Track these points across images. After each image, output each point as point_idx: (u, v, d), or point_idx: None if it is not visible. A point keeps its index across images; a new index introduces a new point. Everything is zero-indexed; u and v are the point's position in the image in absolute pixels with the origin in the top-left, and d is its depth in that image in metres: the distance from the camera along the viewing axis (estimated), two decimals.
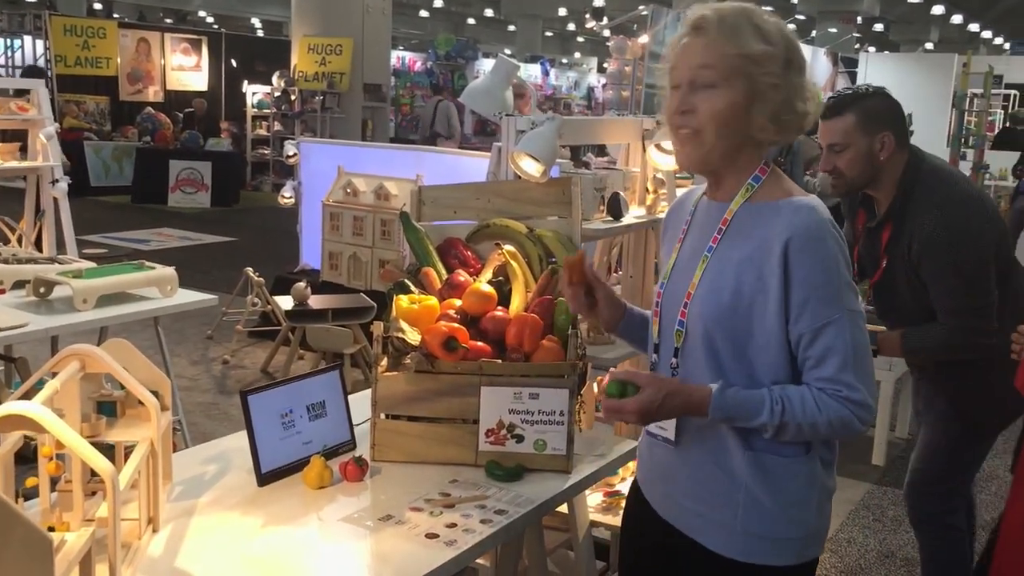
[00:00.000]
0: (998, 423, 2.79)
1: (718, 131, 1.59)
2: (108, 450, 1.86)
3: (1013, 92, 13.81)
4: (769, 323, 1.57)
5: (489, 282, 2.28)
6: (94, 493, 1.76)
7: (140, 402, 1.78)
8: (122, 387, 1.82)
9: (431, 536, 1.78)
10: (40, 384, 1.66)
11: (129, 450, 1.77)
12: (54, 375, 1.67)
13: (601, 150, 7.92)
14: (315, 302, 5.51)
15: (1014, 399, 2.47)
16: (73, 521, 1.66)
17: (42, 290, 3.58)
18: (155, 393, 1.85)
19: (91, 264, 3.87)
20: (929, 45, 27.06)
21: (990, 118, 11.85)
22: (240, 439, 2.06)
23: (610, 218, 3.02)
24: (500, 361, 2.10)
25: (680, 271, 1.71)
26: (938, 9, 20.30)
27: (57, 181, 5.31)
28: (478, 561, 2.60)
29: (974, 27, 26.32)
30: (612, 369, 1.81)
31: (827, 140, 2.59)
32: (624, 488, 2.91)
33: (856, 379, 1.55)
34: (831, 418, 1.55)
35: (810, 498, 1.65)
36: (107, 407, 1.85)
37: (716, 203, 1.69)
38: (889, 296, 2.71)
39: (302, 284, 5.58)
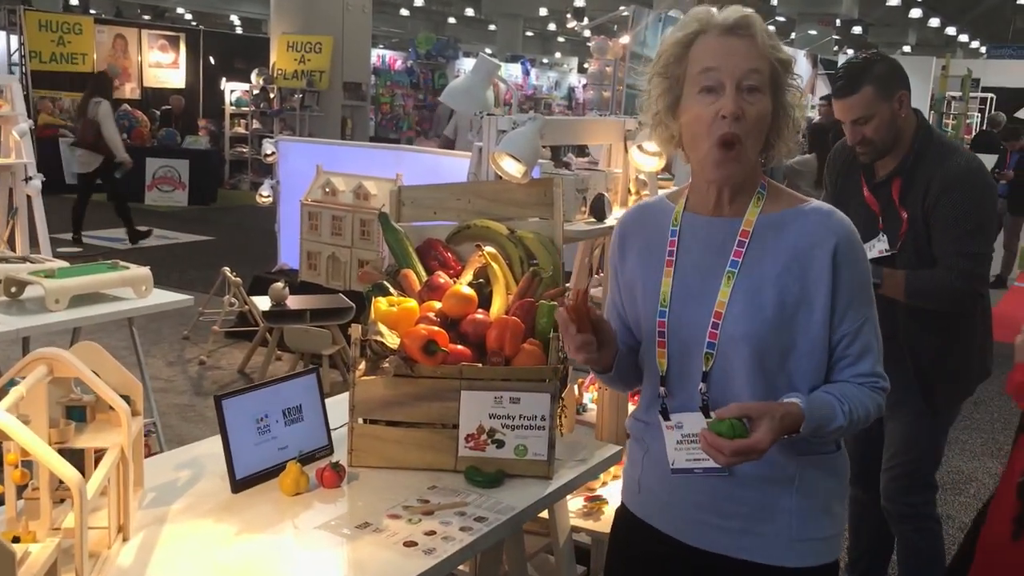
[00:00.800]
0: (962, 393, 2.86)
1: (755, 141, 1.56)
2: (78, 456, 1.82)
3: (990, 95, 13.92)
4: (814, 331, 1.58)
5: (470, 284, 2.25)
6: (63, 500, 1.72)
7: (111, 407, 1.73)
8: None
9: (409, 544, 1.74)
10: (9, 387, 1.61)
11: (100, 455, 1.72)
12: (23, 379, 1.62)
13: (581, 151, 7.90)
14: (293, 302, 5.46)
15: (980, 363, 2.75)
16: (40, 530, 1.61)
17: (13, 290, 3.52)
18: (126, 398, 1.80)
19: (64, 263, 3.81)
20: (907, 48, 27.28)
21: (968, 121, 11.93)
22: (214, 444, 2.01)
23: (592, 219, 2.99)
24: (480, 365, 2.06)
25: (688, 295, 1.62)
26: (916, 12, 20.46)
27: (31, 178, 5.22)
28: (458, 567, 2.56)
29: (951, 31, 26.55)
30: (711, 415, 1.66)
31: (850, 116, 2.65)
32: (605, 493, 2.88)
33: (882, 370, 1.64)
34: (871, 409, 1.61)
35: (840, 492, 1.70)
36: (76, 412, 1.80)
37: (720, 219, 1.63)
38: (909, 249, 2.71)
39: (280, 284, 5.52)
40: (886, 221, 2.77)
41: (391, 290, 2.23)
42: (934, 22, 23.52)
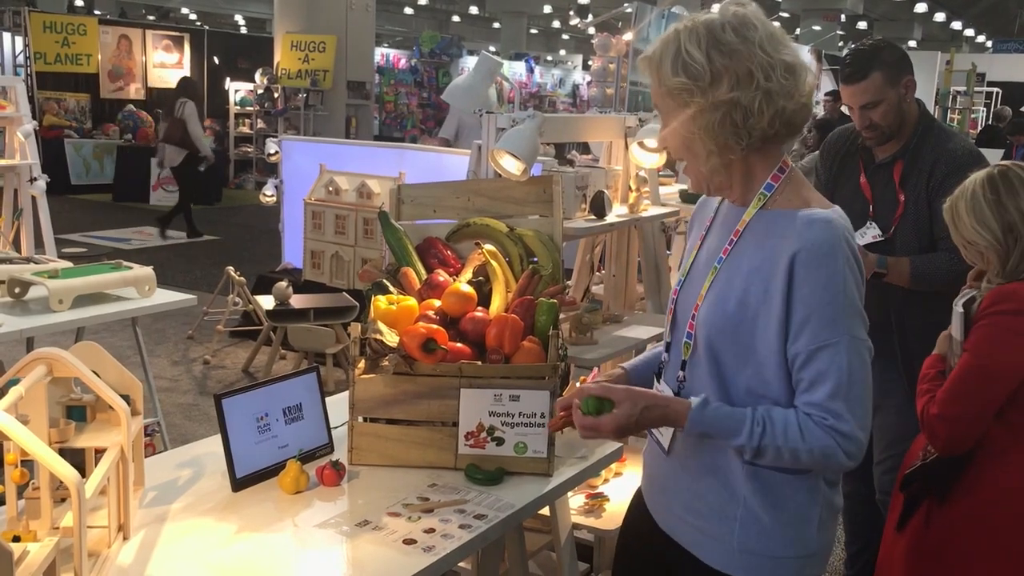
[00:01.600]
0: None
1: (692, 156, 1.59)
2: (79, 455, 1.83)
3: (995, 90, 13.87)
4: (770, 338, 1.52)
5: (469, 282, 2.25)
6: (64, 500, 1.72)
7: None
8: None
9: (409, 542, 1.74)
10: (9, 386, 1.62)
11: (100, 455, 1.73)
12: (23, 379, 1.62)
13: (586, 147, 7.90)
14: (297, 301, 5.46)
15: None
16: (40, 529, 1.62)
17: (17, 290, 3.53)
18: (126, 397, 1.81)
19: (67, 264, 3.82)
20: (912, 43, 27.20)
21: (973, 116, 11.89)
22: (215, 443, 2.02)
23: (593, 217, 2.99)
24: (480, 363, 2.06)
25: (696, 275, 1.67)
26: (921, 7, 20.40)
27: (35, 179, 5.24)
28: (459, 564, 2.56)
29: (956, 25, 26.47)
30: (585, 382, 1.75)
31: (858, 101, 2.71)
32: (607, 489, 2.88)
33: (847, 409, 1.47)
34: (814, 447, 1.47)
35: (811, 516, 1.59)
36: (77, 411, 1.81)
37: (736, 207, 1.64)
38: (908, 231, 2.76)
39: (284, 283, 5.53)
40: (881, 207, 2.80)
41: (391, 288, 2.24)
42: (939, 17, 23.42)
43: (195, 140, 10.17)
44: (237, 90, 15.58)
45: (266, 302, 5.46)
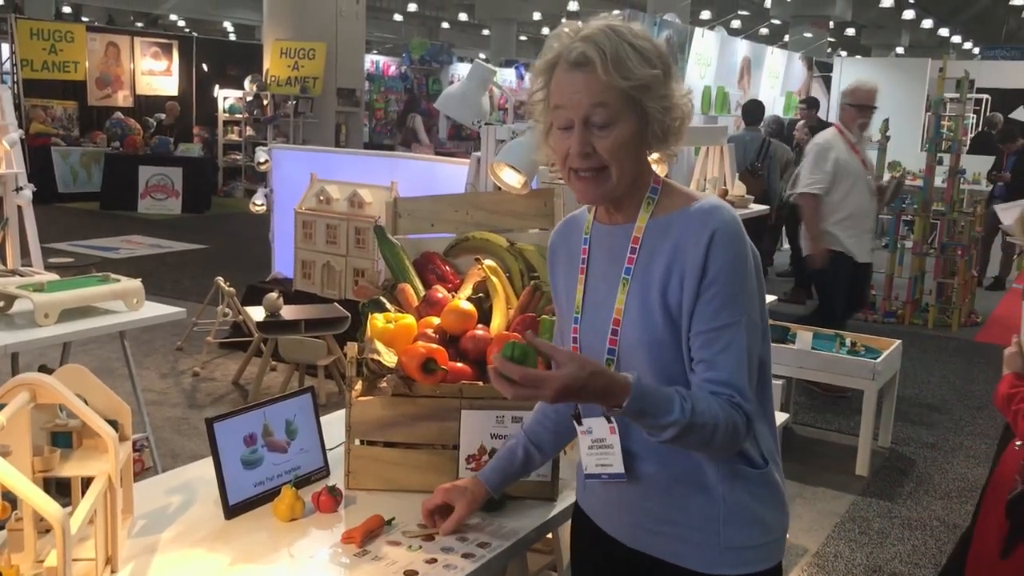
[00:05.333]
0: None
1: (622, 165, 1.54)
2: (64, 483, 1.75)
3: (985, 96, 13.90)
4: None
5: (469, 299, 2.18)
6: (48, 531, 1.65)
7: None
8: None
9: (409, 573, 1.67)
10: None
11: (88, 482, 1.65)
12: (3, 406, 1.55)
13: None
14: (287, 312, 5.38)
15: None
16: (24, 563, 1.55)
17: (1, 304, 3.44)
18: (114, 422, 1.74)
19: (53, 276, 3.73)
20: (900, 49, 27.29)
21: (964, 122, 11.89)
22: (206, 467, 1.95)
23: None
24: (481, 383, 2.00)
25: (595, 302, 1.64)
26: (909, 14, 20.44)
27: (21, 188, 5.15)
28: None
29: (944, 32, 26.57)
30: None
31: None
32: None
33: (748, 388, 1.50)
34: (727, 423, 1.47)
35: (777, 500, 1.64)
36: (62, 438, 1.73)
37: (618, 226, 1.62)
38: None
39: (274, 294, 5.45)
40: None
41: (388, 306, 2.17)
42: (927, 23, 23.49)
43: (424, 146, 13.27)
44: (226, 97, 15.48)
45: (256, 313, 5.38)
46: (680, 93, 1.55)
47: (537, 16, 26.20)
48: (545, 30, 27.73)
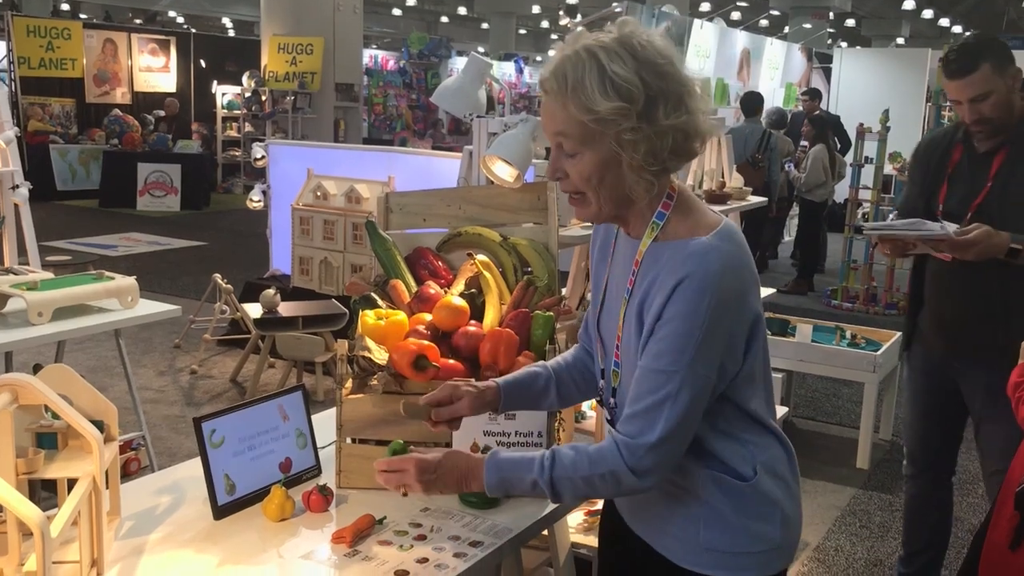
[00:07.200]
0: None
1: (598, 191, 1.49)
2: (50, 485, 1.73)
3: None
4: None
5: (461, 294, 2.16)
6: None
7: None
8: None
9: (400, 573, 1.65)
10: None
11: (74, 483, 1.63)
12: None
13: None
14: (285, 309, 5.36)
15: None
16: (8, 567, 1.52)
17: None
18: (100, 423, 1.71)
19: (48, 275, 3.70)
20: (900, 40, 27.19)
21: None
22: (195, 467, 1.92)
23: (589, 224, 2.89)
24: (474, 380, 1.97)
25: (611, 303, 1.63)
26: (909, 4, 20.33)
27: (17, 187, 5.12)
28: None
29: (944, 22, 26.46)
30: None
31: (968, 94, 2.66)
32: None
33: (647, 425, 1.45)
34: (605, 472, 1.48)
35: (771, 513, 1.59)
36: (47, 439, 1.70)
37: (631, 240, 1.58)
38: (988, 219, 2.68)
39: (271, 291, 5.42)
40: (969, 195, 2.74)
41: (379, 302, 2.14)
42: (927, 14, 23.38)
43: None
44: (224, 93, 15.45)
45: (253, 310, 5.36)
46: (680, 114, 1.44)
47: (536, 9, 26.12)
48: (544, 23, 27.69)
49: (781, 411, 4.32)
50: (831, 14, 22.34)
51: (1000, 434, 2.80)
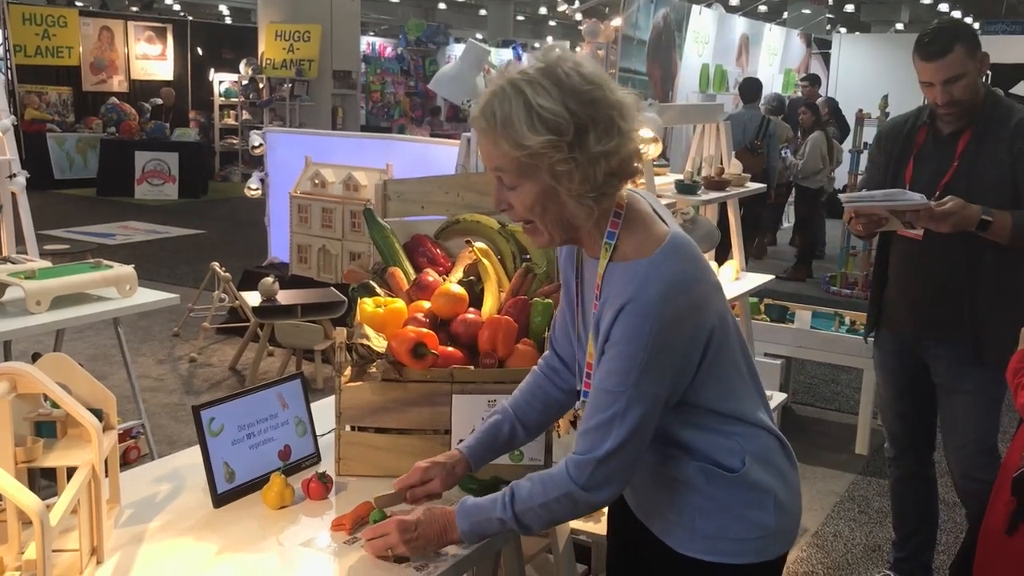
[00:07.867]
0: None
1: (543, 219, 1.50)
2: (50, 473, 1.73)
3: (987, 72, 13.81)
4: None
5: (460, 282, 2.15)
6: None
7: None
8: None
9: (400, 560, 1.65)
10: None
11: (73, 472, 1.63)
12: None
13: None
14: (283, 297, 5.36)
15: None
16: (8, 555, 1.53)
17: None
18: (99, 412, 1.71)
19: (45, 264, 3.70)
20: (899, 26, 27.11)
21: None
22: (196, 454, 1.92)
23: None
24: (472, 367, 1.97)
25: (583, 332, 1.66)
26: None
27: (14, 175, 5.10)
28: None
29: (944, 7, 26.39)
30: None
31: (942, 76, 2.71)
32: None
33: (598, 441, 1.48)
34: (560, 496, 1.53)
35: (764, 500, 1.60)
36: (46, 427, 1.70)
37: (592, 260, 1.59)
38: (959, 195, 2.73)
39: (270, 279, 5.42)
40: (935, 176, 2.80)
41: (378, 290, 2.14)
42: None
43: None
44: (221, 81, 15.41)
45: (252, 298, 5.35)
46: (612, 138, 1.43)
47: None
48: (543, 10, 27.59)
49: (780, 397, 4.33)
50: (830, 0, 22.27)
51: (964, 408, 2.88)
